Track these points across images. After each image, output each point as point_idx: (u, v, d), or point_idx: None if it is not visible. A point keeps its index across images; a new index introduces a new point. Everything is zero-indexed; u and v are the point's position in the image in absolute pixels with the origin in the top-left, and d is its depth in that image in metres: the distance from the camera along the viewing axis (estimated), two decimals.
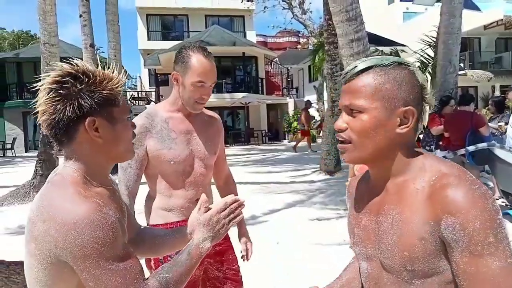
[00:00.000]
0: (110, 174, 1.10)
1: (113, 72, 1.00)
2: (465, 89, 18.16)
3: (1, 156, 18.60)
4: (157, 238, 1.25)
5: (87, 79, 0.94)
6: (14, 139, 19.52)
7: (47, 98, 0.92)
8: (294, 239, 4.43)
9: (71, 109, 0.92)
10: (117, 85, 0.98)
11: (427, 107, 0.95)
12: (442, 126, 5.31)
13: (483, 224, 0.76)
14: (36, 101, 0.95)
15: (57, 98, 0.92)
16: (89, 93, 0.93)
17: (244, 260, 1.93)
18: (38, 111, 0.94)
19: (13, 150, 18.97)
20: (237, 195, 2.00)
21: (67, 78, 0.93)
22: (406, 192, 0.88)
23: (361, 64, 0.89)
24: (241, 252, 1.92)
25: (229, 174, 2.02)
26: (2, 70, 21.07)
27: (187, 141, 1.68)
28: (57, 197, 0.91)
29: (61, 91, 0.92)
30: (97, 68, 1.00)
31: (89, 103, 0.93)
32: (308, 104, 14.59)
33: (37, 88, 0.94)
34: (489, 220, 0.76)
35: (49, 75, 0.94)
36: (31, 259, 0.92)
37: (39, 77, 0.96)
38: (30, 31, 37.23)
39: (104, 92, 0.96)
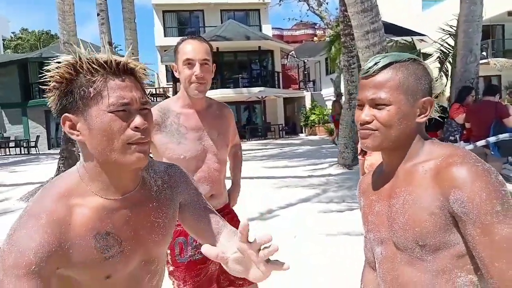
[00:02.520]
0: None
1: (78, 56, 0.82)
2: (488, 78, 17.63)
3: (26, 154, 19.18)
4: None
5: (71, 70, 0.83)
6: (38, 137, 20.10)
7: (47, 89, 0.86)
8: (311, 233, 4.42)
9: (53, 104, 0.85)
10: (84, 72, 0.82)
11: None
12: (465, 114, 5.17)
13: (488, 195, 0.82)
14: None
15: (49, 89, 0.86)
16: (63, 86, 0.83)
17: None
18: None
19: (36, 148, 19.56)
20: (239, 160, 2.11)
21: (60, 70, 0.83)
22: (416, 174, 0.95)
23: (383, 60, 0.96)
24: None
25: (237, 144, 2.10)
26: (25, 70, 21.66)
27: (199, 137, 1.69)
28: (32, 200, 0.87)
29: (52, 83, 0.84)
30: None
31: (64, 99, 0.83)
32: (340, 96, 14.45)
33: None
34: (494, 191, 0.82)
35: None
36: None
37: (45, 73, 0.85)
38: (50, 31, 38.10)
39: (75, 81, 0.82)
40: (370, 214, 1.05)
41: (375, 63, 0.97)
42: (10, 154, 19.20)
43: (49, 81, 0.84)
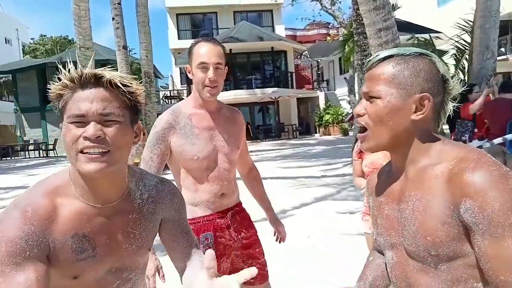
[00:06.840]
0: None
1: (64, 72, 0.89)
2: (507, 75, 17.21)
3: (45, 157, 19.63)
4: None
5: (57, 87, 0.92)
6: (56, 140, 20.53)
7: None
8: (325, 233, 4.41)
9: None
10: (60, 85, 0.89)
11: (450, 99, 0.94)
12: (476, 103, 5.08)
13: (502, 206, 0.74)
14: None
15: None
16: (55, 100, 0.93)
17: (279, 242, 2.06)
18: None
19: (55, 151, 20.00)
20: (261, 182, 2.06)
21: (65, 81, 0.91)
22: (426, 178, 0.88)
23: (383, 53, 0.92)
24: (274, 234, 2.05)
25: (253, 165, 2.08)
26: (44, 75, 22.17)
27: (210, 137, 1.72)
28: (22, 194, 0.92)
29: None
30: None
31: (57, 110, 0.92)
32: None
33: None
34: (509, 201, 0.74)
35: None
36: None
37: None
38: (67, 36, 38.86)
39: (59, 96, 0.91)
40: (379, 216, 1.01)
41: (376, 55, 0.93)
42: (29, 157, 19.68)
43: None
